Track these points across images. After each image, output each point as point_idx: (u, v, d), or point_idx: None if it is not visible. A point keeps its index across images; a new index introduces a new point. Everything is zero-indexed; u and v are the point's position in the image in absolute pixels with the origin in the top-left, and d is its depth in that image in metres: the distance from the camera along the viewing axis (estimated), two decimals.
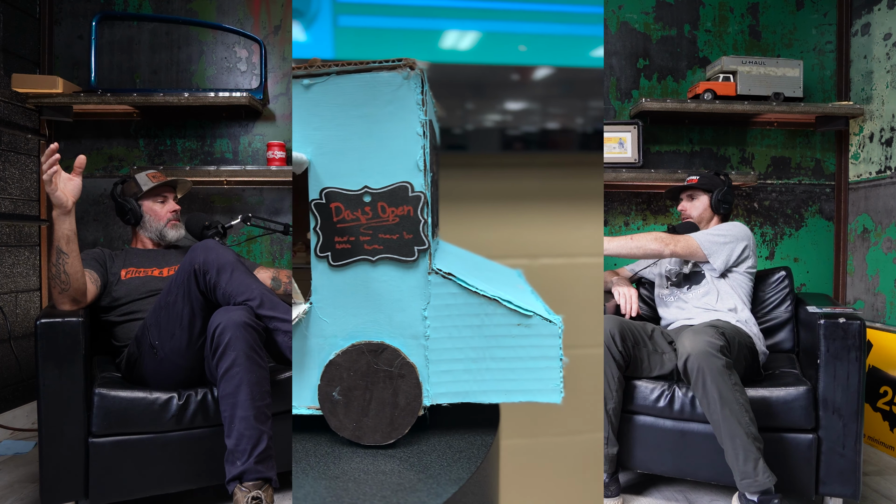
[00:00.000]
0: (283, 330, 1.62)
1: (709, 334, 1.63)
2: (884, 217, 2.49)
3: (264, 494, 1.47)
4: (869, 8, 2.61)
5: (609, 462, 1.73)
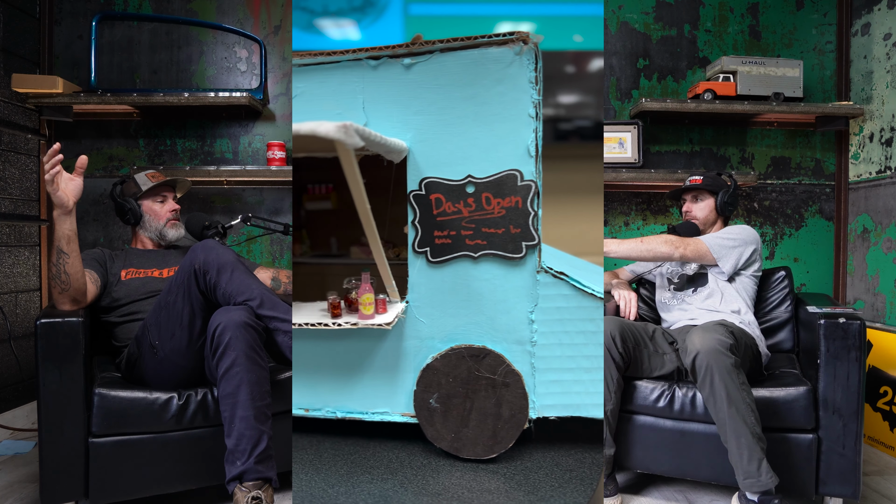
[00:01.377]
0: (283, 330, 1.62)
1: (719, 332, 1.63)
2: (884, 217, 2.49)
3: (264, 494, 1.47)
4: (869, 8, 2.61)
5: (606, 463, 1.73)
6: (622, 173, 2.54)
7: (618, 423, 1.76)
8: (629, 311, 2.01)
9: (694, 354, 1.61)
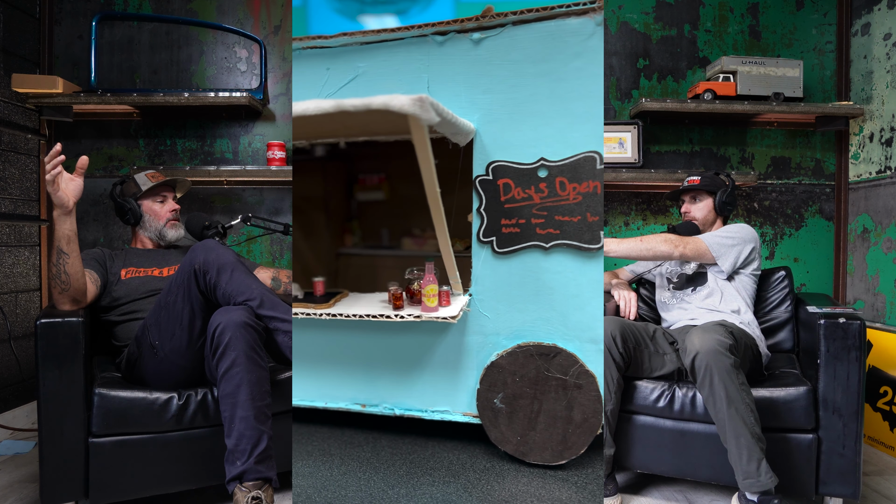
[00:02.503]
0: (283, 330, 1.62)
1: (718, 332, 1.63)
2: (884, 217, 2.49)
3: (264, 494, 1.47)
4: (869, 8, 2.61)
5: (606, 463, 1.73)
6: (622, 173, 2.54)
7: (618, 423, 1.76)
8: (629, 311, 2.01)
9: (693, 355, 1.61)
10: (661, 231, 2.69)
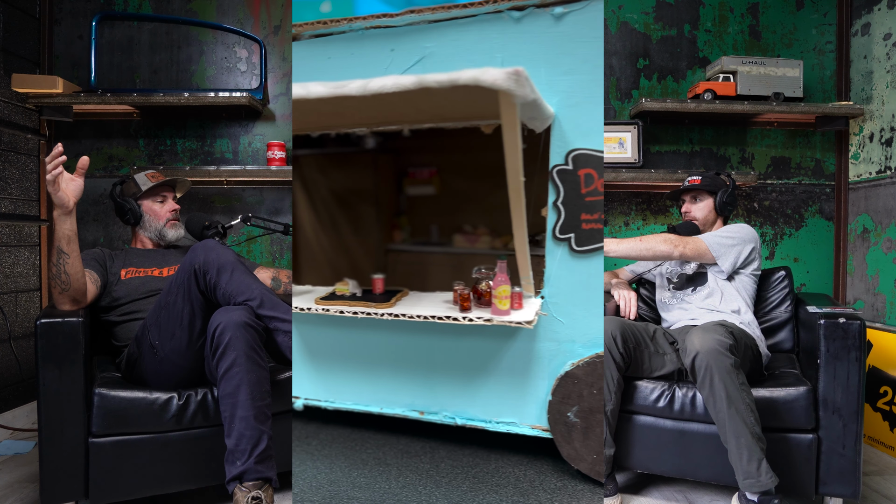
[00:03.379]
0: (283, 330, 1.62)
1: (718, 332, 1.63)
2: (884, 217, 2.49)
3: (264, 494, 1.47)
4: (869, 8, 2.61)
5: (606, 462, 1.73)
6: (622, 173, 2.54)
7: (618, 423, 1.76)
8: (629, 311, 2.01)
9: (693, 355, 1.61)
10: (661, 231, 2.69)
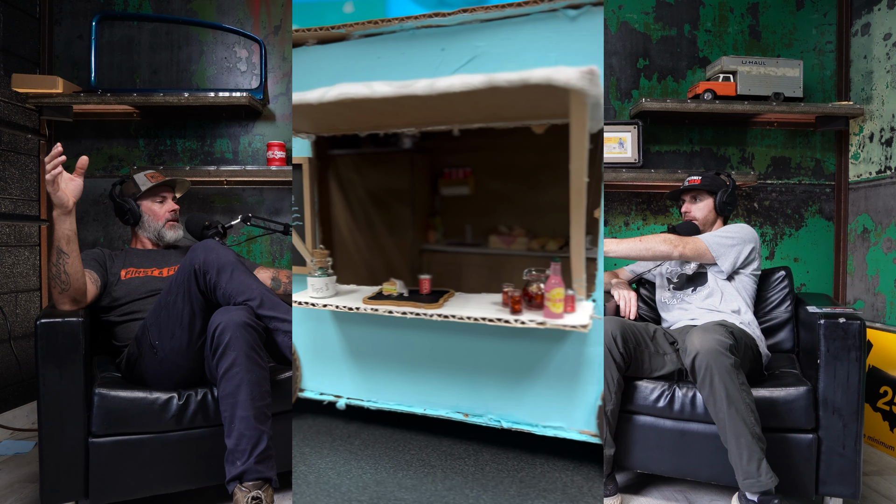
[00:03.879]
0: (283, 330, 1.62)
1: (718, 332, 1.63)
2: (884, 217, 2.49)
3: (264, 494, 1.47)
4: (869, 8, 2.61)
5: (606, 463, 1.73)
6: (622, 173, 2.54)
7: (617, 423, 1.76)
8: (629, 311, 2.01)
9: (693, 355, 1.61)
10: (661, 231, 2.69)
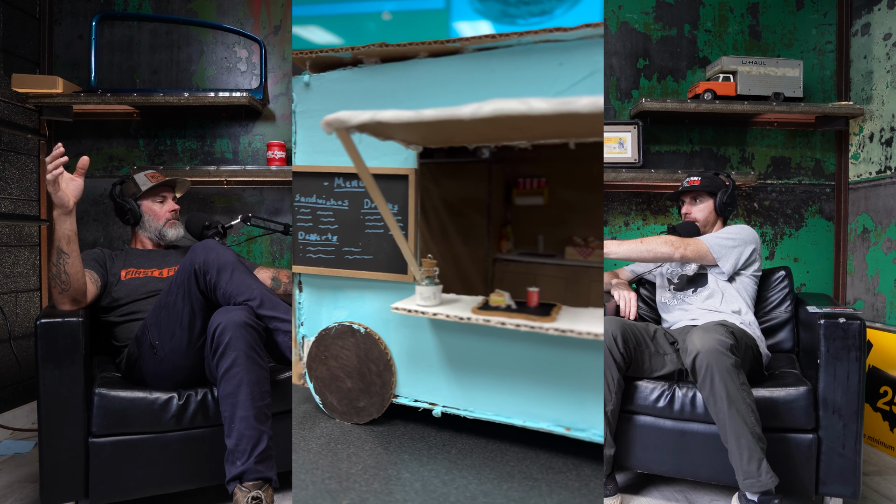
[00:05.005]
0: (283, 330, 1.62)
1: (719, 332, 1.63)
2: (884, 217, 2.49)
3: (264, 494, 1.47)
4: (869, 8, 2.61)
5: (606, 463, 1.73)
6: (622, 173, 2.54)
7: (618, 423, 1.76)
8: (629, 311, 2.01)
9: (694, 354, 1.61)
10: (661, 231, 2.69)
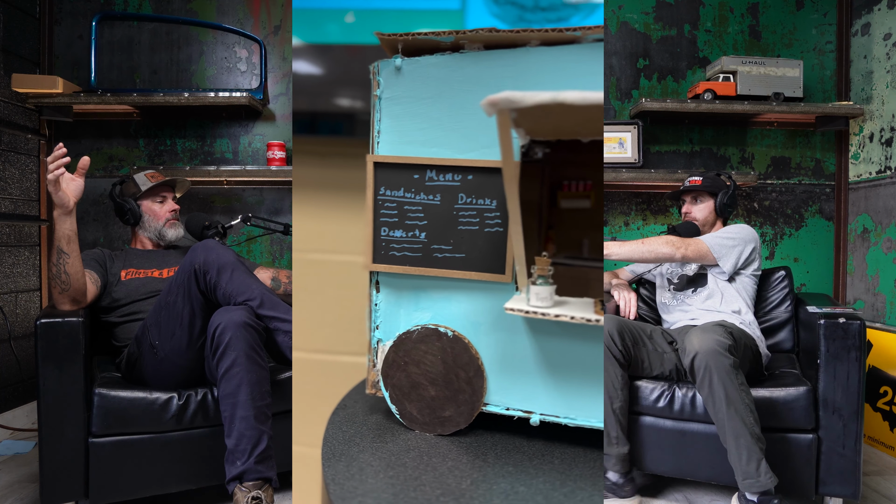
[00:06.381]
0: (284, 330, 1.62)
1: (717, 333, 1.63)
2: (884, 217, 2.49)
3: (264, 494, 1.47)
4: (869, 8, 2.61)
5: (621, 462, 1.72)
6: (622, 173, 2.54)
7: None
8: (629, 311, 2.01)
9: (692, 355, 1.61)
10: (661, 231, 2.70)
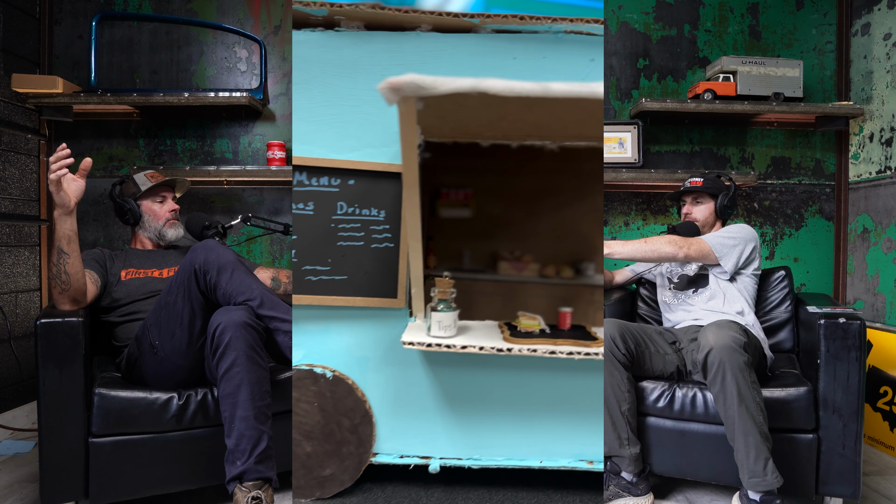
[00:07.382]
0: (284, 330, 1.62)
1: (733, 329, 1.63)
2: (884, 217, 2.49)
3: (264, 494, 1.47)
4: (869, 8, 2.61)
5: (634, 461, 1.72)
6: (622, 173, 2.54)
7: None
8: None
9: (707, 350, 1.61)
10: (661, 231, 2.69)
